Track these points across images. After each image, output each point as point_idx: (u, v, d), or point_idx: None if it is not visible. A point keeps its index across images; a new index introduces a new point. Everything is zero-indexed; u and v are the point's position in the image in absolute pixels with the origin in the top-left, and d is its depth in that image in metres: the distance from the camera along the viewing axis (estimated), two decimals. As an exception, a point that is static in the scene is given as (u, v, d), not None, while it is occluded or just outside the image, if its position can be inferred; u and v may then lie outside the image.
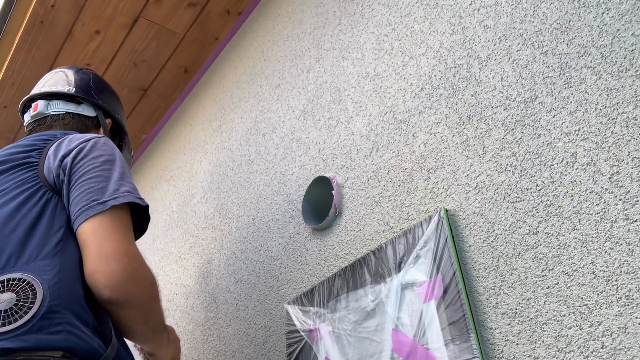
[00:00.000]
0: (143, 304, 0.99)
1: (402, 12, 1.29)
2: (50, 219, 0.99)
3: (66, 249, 0.97)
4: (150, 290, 1.00)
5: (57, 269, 0.93)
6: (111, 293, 0.94)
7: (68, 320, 0.89)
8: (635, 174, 0.78)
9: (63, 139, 1.12)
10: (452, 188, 1.04)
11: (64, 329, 0.88)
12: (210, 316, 1.69)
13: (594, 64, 0.87)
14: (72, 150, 1.07)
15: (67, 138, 1.12)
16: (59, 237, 0.97)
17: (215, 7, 1.99)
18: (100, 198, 1.00)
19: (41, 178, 1.04)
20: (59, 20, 1.93)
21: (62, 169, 1.04)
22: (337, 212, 1.28)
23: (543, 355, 0.82)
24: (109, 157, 1.08)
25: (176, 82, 2.29)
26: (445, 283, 0.95)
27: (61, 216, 1.01)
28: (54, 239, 0.97)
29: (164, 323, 1.10)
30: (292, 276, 1.37)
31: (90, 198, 0.99)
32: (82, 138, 1.11)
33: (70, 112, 1.31)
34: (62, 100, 1.32)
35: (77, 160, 1.05)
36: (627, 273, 0.75)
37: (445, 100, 1.11)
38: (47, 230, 0.97)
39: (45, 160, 1.06)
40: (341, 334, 1.13)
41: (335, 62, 1.46)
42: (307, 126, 1.49)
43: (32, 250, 0.94)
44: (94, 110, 1.36)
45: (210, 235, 1.83)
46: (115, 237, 0.97)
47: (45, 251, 0.94)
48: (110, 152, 1.10)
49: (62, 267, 0.94)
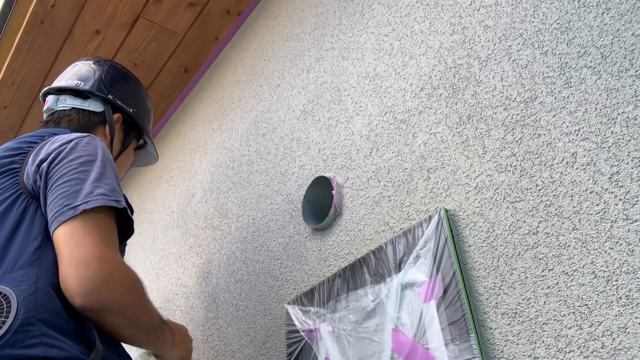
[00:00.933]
0: (124, 309, 0.93)
1: (402, 12, 1.29)
2: (28, 226, 0.95)
3: (43, 257, 0.93)
4: (132, 294, 0.94)
5: (33, 278, 0.89)
6: (83, 300, 0.88)
7: (44, 332, 0.84)
8: (635, 174, 0.78)
9: (46, 141, 1.07)
10: (452, 188, 1.04)
11: (41, 340, 0.83)
12: (210, 316, 1.69)
13: (594, 64, 0.87)
14: (50, 153, 1.02)
15: (49, 140, 1.07)
16: (37, 245, 0.94)
17: (215, 7, 1.99)
18: (72, 203, 0.95)
19: (21, 185, 1.00)
20: (59, 20, 1.93)
21: (39, 174, 0.99)
22: (337, 212, 1.28)
23: (543, 355, 0.82)
24: (89, 158, 1.02)
25: (176, 82, 2.29)
26: (445, 283, 0.95)
27: (39, 223, 0.96)
28: (31, 246, 0.93)
29: (158, 323, 1.05)
30: (292, 276, 1.37)
31: (63, 203, 0.95)
32: (64, 139, 1.05)
33: (76, 108, 1.27)
34: (70, 95, 1.28)
35: (55, 164, 1.00)
36: (627, 273, 0.75)
37: (445, 100, 1.11)
38: (25, 238, 0.94)
39: (26, 166, 1.02)
40: (341, 334, 1.13)
41: (335, 62, 1.46)
42: (307, 126, 1.49)
43: (10, 260, 0.90)
44: (102, 105, 1.30)
45: (210, 235, 1.83)
46: (88, 241, 0.92)
47: (22, 260, 0.91)
48: (91, 151, 1.04)
49: (39, 275, 0.90)
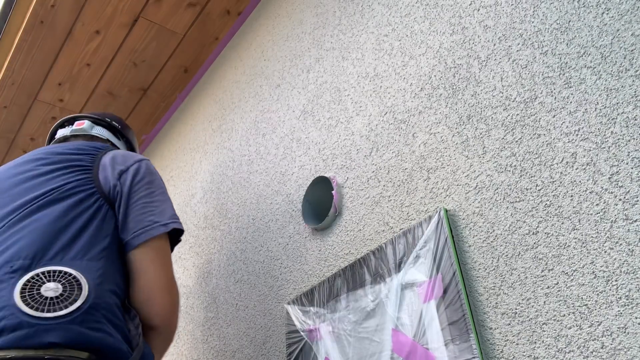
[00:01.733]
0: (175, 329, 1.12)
1: (402, 12, 1.29)
2: (99, 225, 1.06)
3: (109, 257, 1.04)
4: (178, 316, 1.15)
5: (100, 271, 1.00)
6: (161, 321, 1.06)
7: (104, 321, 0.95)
8: (635, 174, 0.78)
9: (115, 151, 1.21)
10: (452, 188, 1.04)
11: (101, 327, 0.94)
12: (210, 316, 1.69)
13: (594, 64, 0.87)
14: (129, 167, 1.17)
15: (119, 152, 1.22)
16: (106, 244, 1.04)
17: (215, 7, 1.99)
18: (162, 220, 1.11)
19: (95, 184, 1.11)
20: (59, 20, 1.93)
21: (120, 183, 1.13)
22: (337, 212, 1.28)
23: (543, 355, 0.82)
24: (160, 183, 1.21)
25: (176, 82, 2.29)
26: (445, 283, 0.95)
27: (109, 225, 1.08)
28: (100, 244, 1.04)
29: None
30: (292, 276, 1.37)
31: (153, 220, 1.10)
32: (134, 156, 1.22)
33: (111, 141, 1.45)
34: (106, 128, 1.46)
35: (137, 180, 1.15)
36: (627, 273, 0.75)
37: (445, 100, 1.11)
38: (95, 234, 1.04)
39: (101, 169, 1.15)
40: (341, 334, 1.13)
41: (335, 62, 1.46)
42: (307, 126, 1.49)
43: (79, 250, 1.00)
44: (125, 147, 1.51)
45: (210, 235, 1.83)
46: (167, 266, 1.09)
47: (91, 253, 1.01)
48: (159, 177, 1.22)
49: (105, 271, 1.01)
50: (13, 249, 0.97)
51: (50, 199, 1.06)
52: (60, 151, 1.17)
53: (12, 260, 0.96)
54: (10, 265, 0.95)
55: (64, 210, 1.04)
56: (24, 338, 0.87)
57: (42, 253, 0.97)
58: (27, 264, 0.96)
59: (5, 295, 0.91)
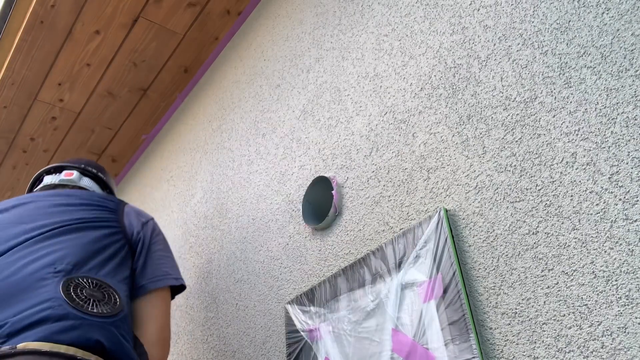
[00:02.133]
0: None
1: (402, 12, 1.29)
2: (123, 258, 1.18)
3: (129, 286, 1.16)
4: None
5: (126, 293, 1.12)
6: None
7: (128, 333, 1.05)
8: (635, 174, 0.78)
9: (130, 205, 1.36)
10: (452, 188, 1.04)
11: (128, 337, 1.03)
12: (210, 316, 1.69)
13: (594, 64, 0.87)
14: (148, 221, 1.32)
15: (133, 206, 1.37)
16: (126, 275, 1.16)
17: (215, 7, 1.99)
18: (174, 274, 1.27)
19: (120, 224, 1.24)
20: (59, 20, 1.93)
21: (143, 233, 1.27)
22: (337, 212, 1.28)
23: (543, 355, 0.82)
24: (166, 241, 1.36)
25: (176, 82, 2.29)
26: (445, 283, 0.95)
27: (128, 262, 1.20)
28: (124, 273, 1.15)
29: None
30: (292, 276, 1.37)
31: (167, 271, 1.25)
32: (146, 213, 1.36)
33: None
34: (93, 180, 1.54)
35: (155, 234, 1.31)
36: (627, 273, 0.75)
37: (445, 100, 1.11)
38: (120, 264, 1.16)
39: (125, 215, 1.28)
40: (341, 333, 1.13)
41: (335, 62, 1.46)
42: (307, 126, 1.49)
43: (110, 271, 1.11)
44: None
45: (210, 235, 1.83)
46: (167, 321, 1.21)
47: (118, 277, 1.12)
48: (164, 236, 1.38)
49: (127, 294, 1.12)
50: (55, 255, 1.05)
51: (87, 225, 1.17)
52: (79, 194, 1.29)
53: (55, 263, 1.03)
54: (54, 267, 1.02)
55: (99, 237, 1.16)
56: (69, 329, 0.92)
57: (82, 263, 1.07)
58: (69, 268, 1.04)
59: (51, 289, 0.97)
